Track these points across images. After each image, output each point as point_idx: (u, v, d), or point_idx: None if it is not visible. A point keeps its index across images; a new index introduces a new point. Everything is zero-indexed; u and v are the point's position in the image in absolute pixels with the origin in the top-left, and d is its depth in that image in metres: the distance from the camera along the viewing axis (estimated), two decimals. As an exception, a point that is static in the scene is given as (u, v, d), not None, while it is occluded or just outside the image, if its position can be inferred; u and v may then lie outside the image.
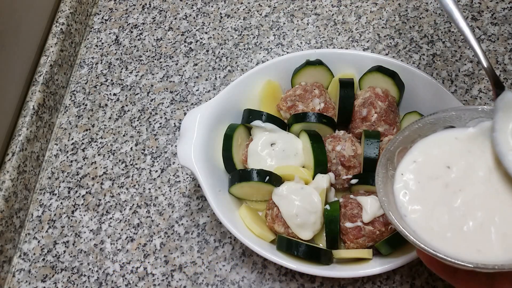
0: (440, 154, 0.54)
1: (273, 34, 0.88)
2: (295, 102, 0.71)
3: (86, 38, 0.93)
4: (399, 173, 0.54)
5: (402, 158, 0.55)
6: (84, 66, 0.90)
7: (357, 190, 0.67)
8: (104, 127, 0.83)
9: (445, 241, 0.49)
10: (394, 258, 0.60)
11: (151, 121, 0.82)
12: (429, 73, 0.80)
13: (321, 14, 0.88)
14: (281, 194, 0.65)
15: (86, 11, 0.95)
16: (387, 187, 0.53)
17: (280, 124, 0.71)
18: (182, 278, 0.69)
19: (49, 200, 0.77)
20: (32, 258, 0.72)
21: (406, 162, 0.55)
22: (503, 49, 0.81)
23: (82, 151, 0.81)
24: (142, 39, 0.91)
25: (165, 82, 0.86)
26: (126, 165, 0.78)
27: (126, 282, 0.69)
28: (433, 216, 0.51)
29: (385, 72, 0.70)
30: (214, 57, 0.87)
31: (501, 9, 0.85)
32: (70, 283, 0.70)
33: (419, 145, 0.56)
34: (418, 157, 0.55)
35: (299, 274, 0.67)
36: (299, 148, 0.69)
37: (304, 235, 0.63)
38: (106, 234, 0.73)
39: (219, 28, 0.90)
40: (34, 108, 0.79)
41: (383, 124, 0.69)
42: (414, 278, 0.65)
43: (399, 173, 0.54)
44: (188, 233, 0.72)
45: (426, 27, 0.84)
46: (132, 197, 0.76)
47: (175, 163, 0.78)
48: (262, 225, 0.66)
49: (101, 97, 0.86)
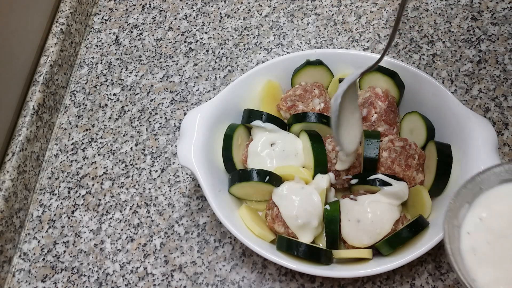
0: (506, 209, 0.52)
1: (273, 34, 0.88)
2: (295, 102, 0.71)
3: (86, 38, 0.93)
4: (464, 232, 0.51)
5: (466, 214, 0.52)
6: (84, 66, 0.90)
7: (357, 190, 0.67)
8: (104, 127, 0.83)
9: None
10: (394, 258, 0.60)
11: (151, 121, 0.82)
12: (429, 73, 0.80)
13: (321, 14, 0.88)
14: (281, 194, 0.65)
15: (86, 11, 0.95)
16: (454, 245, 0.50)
17: (280, 124, 0.71)
18: (182, 278, 0.69)
19: (49, 200, 0.77)
20: (32, 258, 0.72)
21: (470, 219, 0.52)
22: (503, 49, 0.81)
23: (82, 151, 0.81)
24: (142, 39, 0.91)
25: (165, 82, 0.86)
26: (126, 165, 0.78)
27: (126, 282, 0.69)
28: (506, 279, 0.48)
29: (385, 72, 0.70)
30: (214, 57, 0.87)
31: (501, 9, 0.85)
32: (70, 283, 0.70)
33: (481, 200, 0.53)
34: (482, 213, 0.52)
35: (299, 274, 0.67)
36: (299, 148, 0.69)
37: (305, 239, 0.63)
38: (106, 234, 0.73)
39: (219, 28, 0.90)
40: (34, 108, 0.79)
41: (383, 124, 0.69)
42: (414, 278, 0.65)
43: (465, 231, 0.51)
44: (188, 233, 0.72)
45: (426, 27, 0.84)
46: (132, 197, 0.76)
47: (175, 163, 0.78)
48: (262, 225, 0.66)
49: (101, 97, 0.86)
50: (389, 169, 0.65)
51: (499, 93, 0.77)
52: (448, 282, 0.64)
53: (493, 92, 0.77)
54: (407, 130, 0.71)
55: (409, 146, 0.66)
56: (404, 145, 0.66)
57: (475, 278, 0.48)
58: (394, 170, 0.65)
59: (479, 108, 0.76)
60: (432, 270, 0.65)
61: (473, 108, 0.76)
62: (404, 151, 0.66)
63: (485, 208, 0.52)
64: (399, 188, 0.63)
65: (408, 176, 0.65)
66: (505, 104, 0.76)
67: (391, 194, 0.63)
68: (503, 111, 0.76)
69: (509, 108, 0.76)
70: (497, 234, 0.50)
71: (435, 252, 0.66)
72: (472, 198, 0.53)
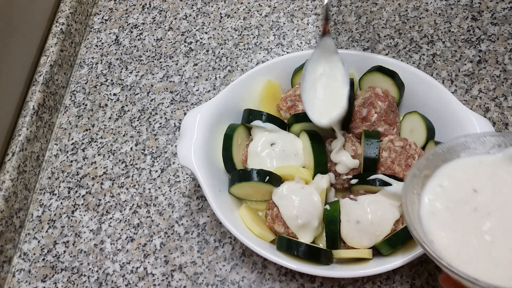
0: (466, 178, 0.53)
1: (273, 34, 0.88)
2: (295, 102, 0.71)
3: (86, 38, 0.93)
4: (425, 198, 0.53)
5: (427, 183, 0.54)
6: (84, 66, 0.90)
7: (357, 190, 0.67)
8: (104, 127, 0.83)
9: (474, 267, 0.47)
10: (394, 258, 0.60)
11: (151, 121, 0.82)
12: (429, 73, 0.80)
13: (321, 14, 0.88)
14: (281, 194, 0.65)
15: (86, 11, 0.95)
16: (413, 212, 0.52)
17: (280, 124, 0.71)
18: (182, 278, 0.69)
19: (49, 200, 0.77)
20: (32, 258, 0.72)
21: (431, 187, 0.53)
22: (503, 49, 0.81)
23: (82, 151, 0.81)
24: (142, 39, 0.91)
25: (165, 82, 0.86)
26: (126, 165, 0.78)
27: (126, 282, 0.69)
28: (463, 241, 0.49)
29: (385, 72, 0.70)
30: (214, 57, 0.87)
31: (501, 9, 0.85)
32: (70, 283, 0.70)
33: (443, 170, 0.54)
34: (443, 181, 0.54)
35: (299, 274, 0.67)
36: (299, 148, 0.69)
37: (305, 239, 0.63)
38: (106, 234, 0.73)
39: (219, 28, 0.90)
40: (34, 108, 0.79)
41: (383, 124, 0.69)
42: (414, 278, 0.65)
43: (425, 198, 0.53)
44: (188, 233, 0.72)
45: (426, 27, 0.84)
46: (132, 197, 0.76)
47: (175, 163, 0.78)
48: (262, 225, 0.66)
49: (101, 97, 0.86)
50: (389, 169, 0.66)
51: (499, 93, 0.77)
52: (448, 282, 0.64)
53: (493, 92, 0.77)
54: (407, 130, 0.71)
55: (409, 146, 0.66)
56: (404, 145, 0.66)
57: (433, 239, 0.50)
58: (394, 170, 0.65)
59: (479, 108, 0.76)
60: (432, 270, 0.65)
61: (473, 108, 0.76)
62: (404, 151, 0.66)
63: (447, 178, 0.54)
64: (400, 188, 0.63)
65: (408, 176, 0.65)
66: (505, 104, 0.76)
67: (391, 194, 0.63)
68: (503, 111, 0.76)
69: (509, 108, 0.76)
70: (456, 200, 0.52)
71: (435, 252, 0.66)
72: (435, 168, 0.55)
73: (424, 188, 0.54)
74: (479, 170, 0.54)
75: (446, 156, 0.55)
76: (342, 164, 0.66)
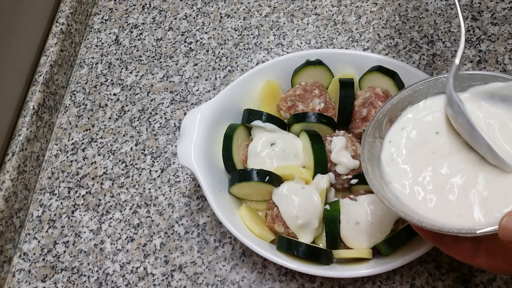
0: (429, 120, 0.54)
1: (273, 34, 0.88)
2: (295, 102, 0.71)
3: (86, 38, 0.93)
4: (387, 141, 0.53)
5: (391, 127, 0.54)
6: (84, 66, 0.90)
7: (357, 190, 0.67)
8: (104, 127, 0.83)
9: (429, 206, 0.49)
10: (394, 258, 0.60)
11: (151, 121, 0.82)
12: (429, 73, 0.80)
13: (321, 14, 0.88)
14: (281, 194, 0.65)
15: (86, 11, 0.95)
16: (373, 156, 0.52)
17: (280, 124, 0.71)
18: (182, 278, 0.69)
19: (49, 200, 0.77)
20: (32, 258, 0.72)
21: (394, 130, 0.54)
22: (503, 49, 0.81)
23: (82, 151, 0.81)
24: (142, 39, 0.91)
25: (165, 82, 0.86)
26: (126, 165, 0.78)
27: (126, 282, 0.69)
28: (419, 181, 0.51)
29: (385, 72, 0.70)
30: (214, 57, 0.87)
31: (501, 9, 0.85)
32: (70, 283, 0.70)
33: (408, 112, 0.55)
34: (407, 124, 0.54)
35: (299, 274, 0.67)
36: (299, 148, 0.69)
37: (305, 239, 0.63)
38: (106, 234, 0.73)
39: (219, 28, 0.90)
40: (34, 108, 0.79)
41: (383, 124, 0.69)
42: (414, 278, 0.65)
43: (387, 140, 0.53)
44: (188, 233, 0.72)
45: (426, 27, 0.84)
46: (132, 197, 0.76)
47: (175, 163, 0.78)
48: (262, 225, 0.66)
49: (101, 97, 0.86)
50: (389, 169, 0.65)
51: (499, 93, 0.77)
52: (448, 282, 0.64)
53: (493, 92, 0.77)
54: (407, 130, 0.71)
55: (409, 146, 0.66)
56: (404, 145, 0.66)
57: (391, 181, 0.51)
58: (394, 170, 0.65)
59: (479, 108, 0.76)
60: (432, 270, 0.65)
61: (473, 108, 0.76)
62: (404, 151, 0.66)
63: (410, 120, 0.54)
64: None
65: (408, 176, 0.65)
66: (505, 104, 0.76)
67: (391, 194, 0.63)
68: (503, 111, 0.75)
69: (509, 108, 0.76)
70: (416, 141, 0.53)
71: (435, 252, 0.66)
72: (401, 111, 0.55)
73: (387, 132, 0.54)
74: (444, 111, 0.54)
75: (412, 98, 0.55)
76: (342, 165, 0.66)
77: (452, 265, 0.65)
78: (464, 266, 0.65)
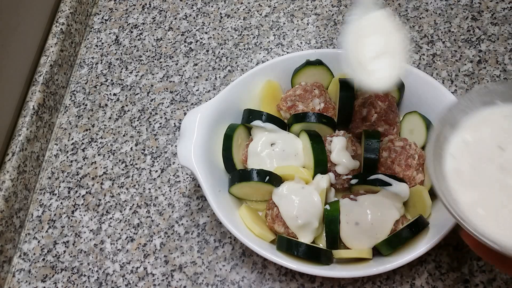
0: (490, 134, 0.51)
1: (273, 34, 0.88)
2: (295, 102, 0.71)
3: (86, 38, 0.93)
4: (449, 154, 0.51)
5: (450, 138, 0.52)
6: (84, 66, 0.90)
7: (357, 190, 0.67)
8: (104, 127, 0.83)
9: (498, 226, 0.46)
10: (394, 258, 0.60)
11: (151, 121, 0.82)
12: (429, 73, 0.80)
13: (321, 14, 0.88)
14: (281, 194, 0.65)
15: (86, 11, 0.95)
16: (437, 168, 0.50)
17: (280, 124, 0.71)
18: (182, 278, 0.69)
19: (49, 200, 0.77)
20: (32, 258, 0.72)
21: (455, 142, 0.52)
22: (503, 49, 0.81)
23: (82, 151, 0.81)
24: (142, 39, 0.91)
25: (165, 82, 0.86)
26: (126, 165, 0.78)
27: (126, 282, 0.69)
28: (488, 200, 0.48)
29: (385, 72, 0.70)
30: (214, 57, 0.87)
31: (501, 9, 0.85)
32: (70, 283, 0.70)
33: (466, 124, 0.53)
34: (467, 137, 0.52)
35: (299, 274, 0.67)
36: (299, 148, 0.69)
37: (305, 239, 0.63)
38: (106, 234, 0.73)
39: (219, 28, 0.90)
40: (34, 108, 0.79)
41: (383, 124, 0.69)
42: (414, 278, 0.65)
43: (449, 154, 0.51)
44: (188, 233, 0.72)
45: (426, 27, 0.84)
46: (132, 197, 0.76)
47: (175, 163, 0.78)
48: (262, 225, 0.66)
49: (101, 97, 0.86)
50: (389, 169, 0.65)
51: (499, 93, 0.77)
52: (448, 282, 0.64)
53: (493, 92, 0.77)
54: (407, 130, 0.71)
55: (409, 146, 0.66)
56: (404, 145, 0.66)
57: (456, 198, 0.48)
58: (394, 170, 0.65)
59: (479, 108, 0.76)
60: (432, 270, 0.65)
61: (473, 108, 0.76)
62: (404, 151, 0.66)
63: (469, 131, 0.52)
64: (400, 189, 0.63)
65: (408, 176, 0.65)
66: (505, 104, 0.76)
67: (392, 194, 0.63)
68: (503, 111, 0.76)
69: (509, 108, 0.76)
70: (481, 158, 0.50)
71: (435, 252, 0.66)
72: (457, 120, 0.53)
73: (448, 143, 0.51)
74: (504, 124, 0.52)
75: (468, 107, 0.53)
76: (342, 165, 0.66)
77: (452, 265, 0.65)
78: (464, 266, 0.65)
